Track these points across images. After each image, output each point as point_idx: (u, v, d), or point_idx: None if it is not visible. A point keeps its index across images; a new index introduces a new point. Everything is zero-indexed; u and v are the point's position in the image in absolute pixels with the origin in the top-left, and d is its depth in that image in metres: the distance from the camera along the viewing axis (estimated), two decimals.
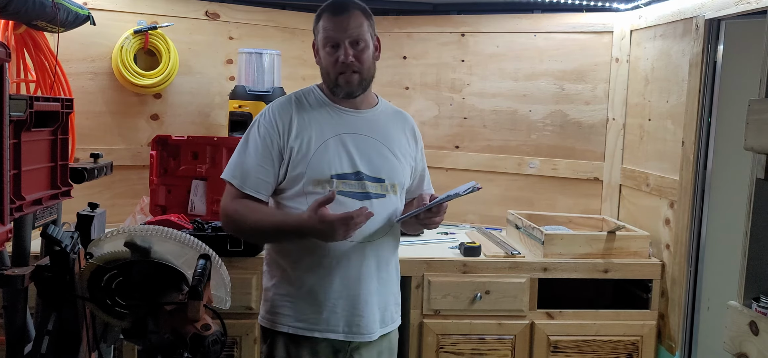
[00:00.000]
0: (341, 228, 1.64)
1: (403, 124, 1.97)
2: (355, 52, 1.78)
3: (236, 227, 1.81)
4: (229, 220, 1.80)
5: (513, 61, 3.30)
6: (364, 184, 1.79)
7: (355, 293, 1.80)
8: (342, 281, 1.79)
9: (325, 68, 1.82)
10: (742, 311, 1.32)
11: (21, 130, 1.53)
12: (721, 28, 2.47)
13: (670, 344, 2.68)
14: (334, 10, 1.80)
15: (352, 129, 1.83)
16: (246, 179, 1.78)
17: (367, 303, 1.82)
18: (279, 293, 1.84)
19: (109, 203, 2.85)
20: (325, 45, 1.80)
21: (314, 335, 1.80)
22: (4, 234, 1.41)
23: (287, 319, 1.81)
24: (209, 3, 3.14)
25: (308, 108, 1.84)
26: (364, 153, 1.82)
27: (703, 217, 2.56)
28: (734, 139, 2.28)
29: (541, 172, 3.30)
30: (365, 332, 1.83)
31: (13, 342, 1.62)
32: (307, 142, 1.78)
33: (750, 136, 1.26)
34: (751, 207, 1.31)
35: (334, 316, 1.80)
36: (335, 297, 1.79)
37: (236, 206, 1.77)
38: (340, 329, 1.81)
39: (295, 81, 3.28)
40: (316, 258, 1.78)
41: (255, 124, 1.83)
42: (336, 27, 1.78)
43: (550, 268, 2.70)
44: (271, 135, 1.79)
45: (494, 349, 2.69)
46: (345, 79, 1.80)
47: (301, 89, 1.91)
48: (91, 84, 2.95)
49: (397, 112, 1.99)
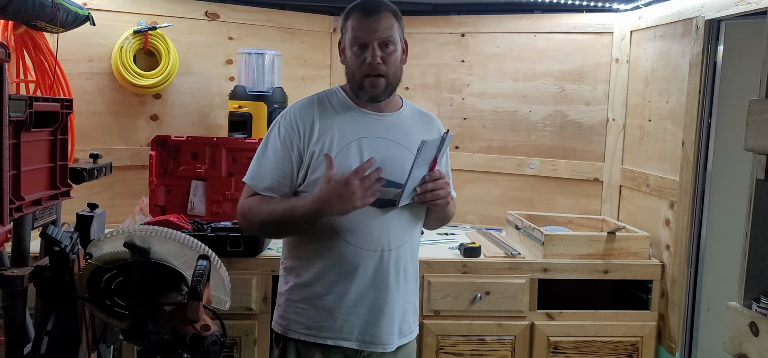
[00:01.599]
0: (358, 187, 1.57)
1: (430, 126, 1.91)
2: (382, 55, 1.73)
3: (250, 222, 1.76)
4: (242, 216, 1.77)
5: (513, 62, 3.30)
6: (384, 191, 1.73)
7: (372, 301, 1.76)
8: (358, 289, 1.74)
9: (351, 69, 1.77)
10: (742, 311, 1.32)
11: (20, 130, 1.53)
12: (721, 29, 2.47)
13: (670, 345, 2.67)
14: (364, 10, 1.74)
15: (373, 133, 1.78)
16: (262, 179, 1.75)
17: (383, 313, 1.77)
18: (292, 299, 1.80)
19: (109, 203, 2.85)
20: (353, 45, 1.74)
21: (327, 343, 1.76)
22: (4, 234, 1.40)
23: (299, 325, 1.78)
24: (209, 3, 3.14)
25: (331, 110, 1.79)
26: (385, 158, 1.74)
27: (703, 218, 2.56)
28: (734, 139, 2.28)
29: (541, 173, 3.30)
30: (381, 342, 1.78)
31: (12, 342, 1.62)
32: (329, 146, 1.73)
33: (750, 137, 1.26)
34: (751, 208, 1.31)
35: (347, 324, 1.75)
36: (350, 305, 1.75)
37: (250, 201, 1.75)
38: (353, 338, 1.76)
39: (294, 81, 3.29)
40: (331, 264, 1.74)
41: (276, 125, 1.79)
42: (365, 28, 1.72)
43: (550, 268, 2.69)
44: (290, 137, 1.75)
45: (494, 350, 2.69)
46: (370, 83, 1.74)
47: (324, 90, 1.87)
48: (90, 84, 2.95)
49: (423, 114, 1.94)
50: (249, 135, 2.94)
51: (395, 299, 1.79)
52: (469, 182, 3.36)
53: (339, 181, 1.59)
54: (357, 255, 1.73)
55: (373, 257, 1.74)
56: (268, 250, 2.67)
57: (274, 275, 2.61)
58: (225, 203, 2.87)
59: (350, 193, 1.58)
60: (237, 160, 2.88)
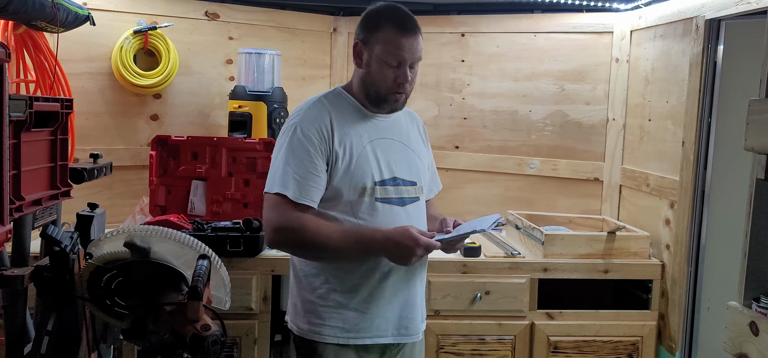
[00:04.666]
0: (421, 251, 1.64)
1: (415, 122, 1.97)
2: (411, 75, 1.74)
3: (298, 242, 1.70)
4: (289, 234, 1.68)
5: (513, 62, 3.30)
6: (400, 189, 1.78)
7: (405, 295, 1.81)
8: (393, 286, 1.78)
9: (375, 81, 1.74)
10: (742, 311, 1.32)
11: (21, 130, 1.53)
12: (721, 29, 2.47)
13: (671, 345, 2.67)
14: (402, 27, 1.71)
15: (381, 134, 1.81)
16: (301, 188, 1.67)
17: (414, 304, 1.84)
18: (326, 305, 1.76)
19: (109, 203, 2.84)
20: (387, 59, 1.70)
21: (365, 343, 1.78)
22: (4, 234, 1.41)
23: (335, 330, 1.76)
24: (209, 3, 3.14)
25: (343, 113, 1.78)
26: (396, 157, 1.80)
27: (703, 217, 2.56)
28: (734, 139, 2.28)
29: (541, 173, 3.30)
30: (414, 333, 1.85)
31: (12, 342, 1.62)
32: (350, 149, 1.73)
33: (750, 137, 1.26)
34: (751, 207, 1.31)
35: (384, 321, 1.78)
36: (386, 302, 1.78)
37: (301, 220, 1.66)
38: (389, 333, 1.80)
39: (294, 81, 3.29)
40: (370, 265, 1.75)
41: (295, 130, 1.72)
42: (403, 46, 1.70)
43: (550, 268, 2.69)
44: (318, 141, 1.70)
45: (494, 349, 2.69)
46: (395, 99, 1.76)
47: (326, 92, 1.84)
48: (90, 84, 2.95)
49: (408, 112, 1.97)
50: (249, 135, 2.94)
51: (420, 288, 1.87)
52: (470, 182, 3.36)
53: (414, 240, 1.64)
54: None
55: None
56: (267, 250, 2.66)
57: (274, 274, 2.62)
58: (225, 203, 2.87)
59: (412, 254, 1.65)
60: (237, 160, 2.88)
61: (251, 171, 2.88)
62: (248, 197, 2.88)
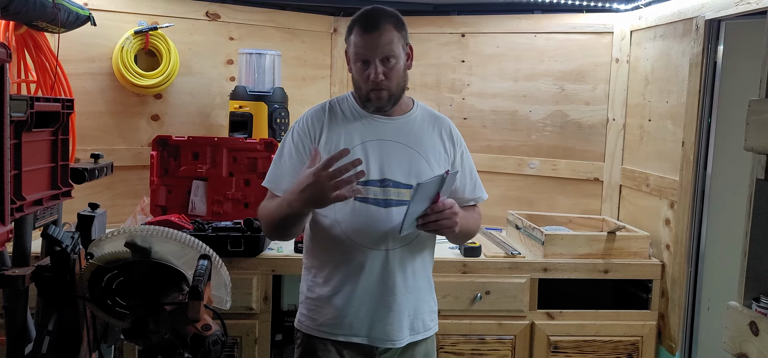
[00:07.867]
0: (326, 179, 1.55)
1: (440, 127, 1.92)
2: (384, 70, 1.74)
3: (263, 222, 1.82)
4: (259, 218, 1.84)
5: (513, 62, 3.31)
6: (388, 191, 1.77)
7: (379, 299, 1.79)
8: (364, 288, 1.78)
9: (357, 82, 1.80)
10: (742, 311, 1.32)
11: (21, 130, 1.53)
12: (721, 29, 2.47)
13: (671, 345, 2.68)
14: (365, 25, 1.74)
15: (380, 136, 1.81)
16: (279, 182, 1.79)
17: (391, 310, 1.80)
18: (310, 297, 1.86)
19: (110, 203, 2.85)
20: (356, 61, 1.77)
21: (338, 339, 1.81)
22: (5, 234, 1.41)
23: (315, 322, 1.83)
24: (209, 3, 3.15)
25: (340, 116, 1.84)
26: (394, 160, 1.79)
27: (703, 217, 2.56)
28: (734, 139, 2.28)
29: (541, 173, 3.30)
30: (389, 338, 1.81)
31: (13, 342, 1.62)
32: (335, 149, 1.74)
33: (750, 137, 1.26)
34: (751, 207, 1.31)
35: (357, 320, 1.80)
36: (358, 303, 1.79)
37: (264, 202, 1.81)
38: (362, 334, 1.80)
39: (295, 81, 3.29)
40: (340, 262, 1.79)
41: (291, 131, 1.86)
42: (366, 44, 1.73)
43: (550, 268, 2.70)
44: (303, 141, 1.81)
45: (494, 349, 2.69)
46: (375, 96, 1.77)
47: (336, 96, 1.92)
48: (91, 84, 2.95)
49: (434, 116, 1.94)
50: (249, 135, 2.94)
51: (403, 296, 1.82)
52: None
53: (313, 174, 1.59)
54: (363, 254, 1.77)
55: (379, 255, 1.77)
56: (268, 250, 2.67)
57: (275, 274, 2.62)
58: (226, 203, 2.88)
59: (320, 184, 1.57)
60: (238, 160, 2.88)
61: (252, 171, 2.88)
62: (249, 197, 2.88)
